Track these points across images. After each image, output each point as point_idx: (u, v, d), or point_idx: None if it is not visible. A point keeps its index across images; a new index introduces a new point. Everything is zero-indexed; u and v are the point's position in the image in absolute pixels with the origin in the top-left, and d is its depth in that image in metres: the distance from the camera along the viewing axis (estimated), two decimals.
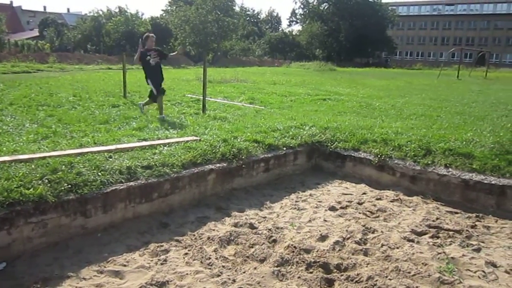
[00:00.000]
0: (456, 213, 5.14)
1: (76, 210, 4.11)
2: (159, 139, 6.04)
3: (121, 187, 4.45)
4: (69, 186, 4.14)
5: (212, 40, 53.11)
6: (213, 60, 50.59)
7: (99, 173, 4.47)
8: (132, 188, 4.54)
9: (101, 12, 57.13)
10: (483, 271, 3.71)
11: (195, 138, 6.11)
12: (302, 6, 76.46)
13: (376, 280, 3.47)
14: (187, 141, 5.87)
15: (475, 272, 3.70)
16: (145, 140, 5.98)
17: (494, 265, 3.85)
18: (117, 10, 56.84)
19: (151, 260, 3.81)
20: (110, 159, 4.89)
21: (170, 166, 5.03)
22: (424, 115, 9.71)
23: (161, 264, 3.74)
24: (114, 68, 29.74)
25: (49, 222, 3.92)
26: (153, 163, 4.97)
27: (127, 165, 4.76)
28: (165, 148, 5.55)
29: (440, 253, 4.00)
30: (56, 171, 4.31)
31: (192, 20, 50.60)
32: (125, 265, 3.70)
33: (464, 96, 15.15)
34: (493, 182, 5.33)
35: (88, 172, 4.45)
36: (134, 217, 4.59)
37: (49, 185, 4.06)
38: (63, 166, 4.45)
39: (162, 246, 4.04)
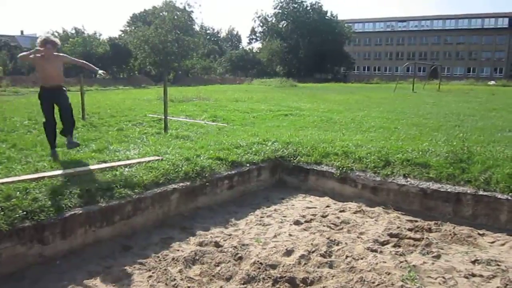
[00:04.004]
0: (416, 221, 5.29)
1: (33, 237, 3.95)
2: (119, 160, 5.92)
3: (80, 212, 4.32)
4: (25, 213, 3.98)
5: (172, 59, 53.02)
6: (175, 79, 50.44)
7: (57, 198, 4.32)
8: (92, 212, 4.41)
9: (56, 34, 55.86)
10: (443, 277, 3.82)
11: (157, 158, 6.03)
12: (261, 24, 77.78)
13: None
14: (149, 161, 5.78)
15: (436, 279, 3.80)
16: (105, 162, 5.84)
17: (453, 270, 3.98)
18: (73, 31, 55.80)
19: (114, 285, 3.69)
20: (68, 183, 4.74)
21: (132, 188, 4.93)
22: (383, 127, 9.99)
23: None
24: (72, 89, 28.85)
25: (3, 252, 3.74)
26: (114, 185, 4.86)
27: (87, 188, 4.63)
28: (126, 169, 5.44)
29: (402, 262, 4.10)
30: (10, 198, 4.13)
31: (151, 40, 50.42)
32: None
33: (419, 108, 15.71)
34: (449, 190, 5.54)
35: (45, 197, 4.29)
36: (95, 242, 4.45)
37: (2, 212, 3.88)
38: (18, 192, 4.27)
39: (125, 270, 3.93)
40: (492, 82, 51.86)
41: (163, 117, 9.52)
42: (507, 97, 23.99)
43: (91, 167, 5.43)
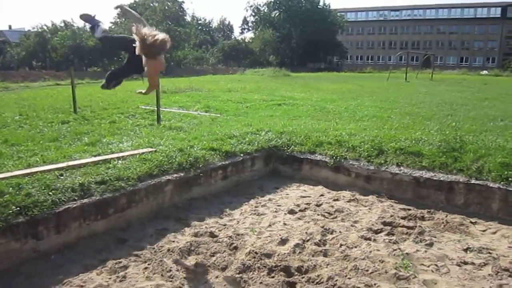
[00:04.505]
0: (409, 209, 5.33)
1: (27, 233, 3.92)
2: (112, 153, 5.89)
3: (74, 205, 4.29)
4: (18, 208, 3.94)
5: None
6: (167, 70, 49.90)
7: (50, 193, 4.28)
8: (86, 206, 4.38)
9: (45, 27, 55.07)
10: (436, 265, 3.86)
11: (150, 149, 6.01)
12: (253, 14, 77.46)
13: (336, 280, 3.54)
14: (142, 153, 5.76)
15: (428, 266, 3.85)
16: (98, 155, 5.80)
17: (446, 258, 4.03)
18: (62, 24, 55.06)
19: (110, 278, 3.69)
20: (61, 177, 4.71)
21: (126, 180, 4.91)
22: (376, 117, 10.02)
23: (120, 281, 3.63)
24: (63, 83, 28.69)
25: None
26: (108, 178, 4.83)
27: (80, 182, 4.60)
28: (120, 161, 5.41)
29: (395, 250, 4.14)
30: (3, 194, 4.09)
31: None
32: (82, 286, 3.55)
33: (412, 97, 15.77)
34: (441, 179, 5.58)
35: (38, 192, 4.25)
36: (90, 235, 4.43)
37: None
38: (10, 188, 4.22)
39: (120, 262, 3.92)
40: (485, 72, 52.06)
41: (156, 108, 9.49)
42: (499, 86, 24.14)
43: (84, 160, 5.40)
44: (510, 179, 5.20)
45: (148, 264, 3.90)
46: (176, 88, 18.99)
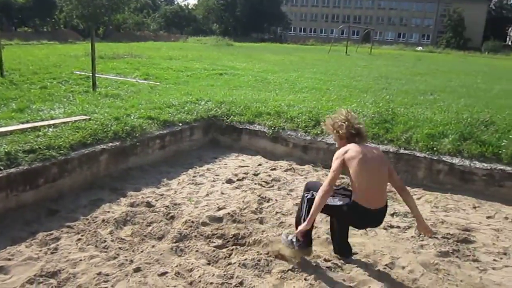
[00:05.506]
0: (343, 178, 5.55)
1: None
2: (43, 120, 5.59)
3: (0, 175, 4.06)
4: None
5: (102, 13, 49.70)
6: (105, 34, 47.71)
7: None
8: (13, 175, 4.16)
9: None
10: (365, 230, 4.10)
11: (84, 117, 5.76)
12: None
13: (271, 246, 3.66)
14: (76, 121, 5.52)
15: (358, 231, 4.08)
16: (26, 122, 5.49)
17: None
18: None
19: (40, 250, 3.56)
20: None
21: (57, 149, 4.70)
22: (315, 88, 10.23)
23: (51, 253, 3.52)
24: None
25: None
26: (37, 146, 4.59)
27: (6, 150, 4.34)
28: (50, 129, 5.16)
29: (327, 217, 4.32)
30: None
31: None
32: (9, 259, 3.40)
33: (351, 70, 16.22)
34: None
35: None
36: (18, 207, 4.22)
37: None
38: None
39: (51, 234, 3.79)
40: (420, 48, 54.42)
41: (91, 74, 9.07)
42: (432, 62, 25.40)
43: (11, 127, 5.09)
44: (434, 149, 5.59)
45: (82, 236, 3.80)
46: (114, 54, 18.20)
